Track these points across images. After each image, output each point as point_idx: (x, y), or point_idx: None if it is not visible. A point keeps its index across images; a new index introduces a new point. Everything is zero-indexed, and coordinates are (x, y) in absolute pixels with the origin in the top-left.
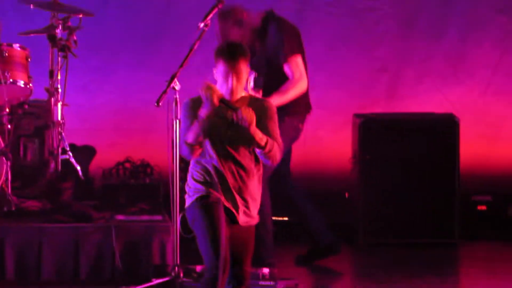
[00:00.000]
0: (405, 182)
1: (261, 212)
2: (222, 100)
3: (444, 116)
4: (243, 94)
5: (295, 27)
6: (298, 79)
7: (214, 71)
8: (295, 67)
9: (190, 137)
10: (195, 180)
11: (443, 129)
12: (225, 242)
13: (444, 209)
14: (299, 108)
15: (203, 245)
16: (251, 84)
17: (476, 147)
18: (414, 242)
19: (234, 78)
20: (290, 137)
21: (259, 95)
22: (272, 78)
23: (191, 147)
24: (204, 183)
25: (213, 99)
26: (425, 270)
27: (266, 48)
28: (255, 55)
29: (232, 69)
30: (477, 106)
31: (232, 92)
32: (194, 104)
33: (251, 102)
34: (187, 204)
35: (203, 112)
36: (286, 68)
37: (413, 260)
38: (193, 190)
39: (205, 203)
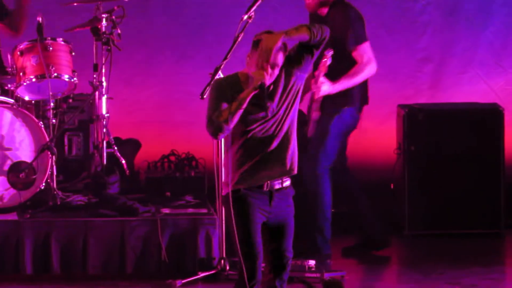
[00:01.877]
0: (450, 172)
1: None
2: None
3: (489, 106)
4: None
5: (359, 12)
6: (367, 63)
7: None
8: (364, 52)
9: (233, 117)
10: (232, 169)
11: (487, 119)
12: (259, 239)
13: (489, 199)
14: (356, 99)
15: (237, 244)
16: (328, 61)
17: None
18: (459, 233)
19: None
20: (348, 124)
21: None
22: (338, 60)
23: (225, 126)
24: (237, 173)
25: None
26: (471, 260)
27: (333, 31)
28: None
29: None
30: None
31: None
32: (228, 85)
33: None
34: (223, 193)
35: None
36: (354, 54)
37: (459, 251)
38: (226, 182)
39: (236, 197)
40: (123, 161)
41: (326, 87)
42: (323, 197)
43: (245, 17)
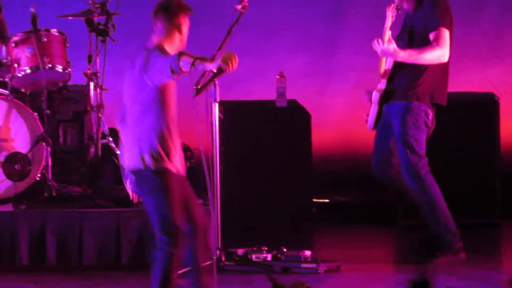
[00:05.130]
0: (446, 162)
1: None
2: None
3: (484, 95)
4: None
5: (448, 4)
6: (440, 46)
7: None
8: (441, 36)
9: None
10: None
11: (483, 108)
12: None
13: (485, 189)
14: (426, 95)
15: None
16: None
17: None
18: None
19: None
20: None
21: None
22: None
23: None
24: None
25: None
26: (467, 250)
27: (417, 17)
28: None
29: None
30: None
31: None
32: None
33: None
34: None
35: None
36: (431, 36)
37: None
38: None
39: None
40: (118, 152)
41: (392, 47)
42: (432, 197)
43: (239, 7)
